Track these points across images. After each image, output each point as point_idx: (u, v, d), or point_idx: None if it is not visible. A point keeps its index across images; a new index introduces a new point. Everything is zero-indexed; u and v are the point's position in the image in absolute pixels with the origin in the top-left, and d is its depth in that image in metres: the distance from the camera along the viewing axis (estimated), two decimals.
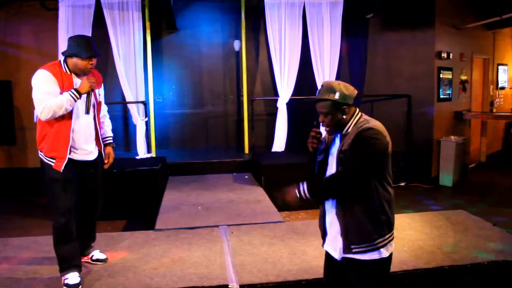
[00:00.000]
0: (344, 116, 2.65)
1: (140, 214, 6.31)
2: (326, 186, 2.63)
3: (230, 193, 6.46)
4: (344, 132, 2.67)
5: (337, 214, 2.68)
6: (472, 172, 9.32)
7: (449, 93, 8.65)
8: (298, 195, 2.68)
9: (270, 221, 5.26)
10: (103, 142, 4.16)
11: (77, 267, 3.80)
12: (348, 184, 2.57)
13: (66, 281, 3.69)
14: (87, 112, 3.81)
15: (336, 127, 2.69)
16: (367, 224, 2.60)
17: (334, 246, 2.75)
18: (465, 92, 9.24)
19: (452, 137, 8.42)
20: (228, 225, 5.12)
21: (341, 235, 2.67)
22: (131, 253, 4.39)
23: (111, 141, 4.24)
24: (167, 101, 8.78)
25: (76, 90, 3.70)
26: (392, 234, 2.69)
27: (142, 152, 7.76)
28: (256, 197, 6.24)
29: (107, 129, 4.23)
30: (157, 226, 5.10)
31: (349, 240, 2.65)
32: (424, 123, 8.36)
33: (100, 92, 4.08)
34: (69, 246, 3.77)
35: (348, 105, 2.65)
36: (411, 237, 4.69)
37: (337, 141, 2.74)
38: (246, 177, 7.43)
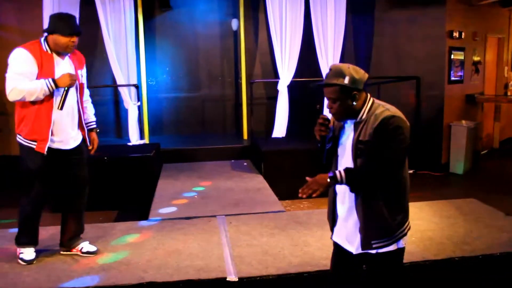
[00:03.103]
0: (354, 102, 2.59)
1: (133, 203, 6.32)
2: (365, 175, 2.54)
3: (228, 181, 6.47)
4: (358, 119, 2.62)
5: (357, 207, 2.64)
6: (484, 159, 9.32)
7: (461, 75, 8.62)
8: (329, 180, 2.52)
9: (270, 210, 5.27)
10: (86, 127, 4.18)
11: (35, 244, 4.03)
12: (386, 176, 2.53)
13: (21, 256, 3.96)
14: (61, 108, 3.80)
15: (346, 114, 2.64)
16: (388, 216, 2.58)
17: (350, 239, 2.73)
18: (478, 74, 9.21)
19: (464, 121, 8.41)
20: (226, 215, 5.13)
21: (360, 230, 2.65)
22: (123, 244, 4.40)
23: (95, 125, 4.27)
24: (160, 84, 8.76)
25: (54, 81, 3.70)
26: (409, 223, 2.70)
27: (134, 138, 7.75)
28: (256, 185, 6.25)
29: (90, 114, 4.25)
30: (151, 216, 5.11)
31: (369, 235, 2.63)
32: (434, 106, 8.34)
33: (83, 73, 4.08)
34: (32, 225, 3.98)
35: (358, 91, 2.59)
36: (420, 227, 4.71)
37: (348, 129, 2.68)
38: (245, 164, 7.44)
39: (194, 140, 8.34)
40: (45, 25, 6.95)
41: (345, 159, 2.67)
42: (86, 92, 4.21)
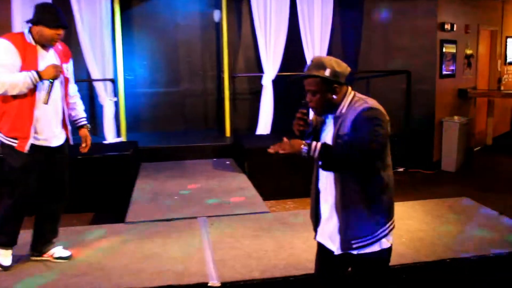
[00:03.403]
0: (334, 96, 2.63)
1: (109, 205, 6.27)
2: (339, 155, 2.57)
3: (210, 180, 6.45)
4: (337, 114, 2.65)
5: (336, 205, 2.67)
6: (477, 156, 9.41)
7: (453, 69, 8.69)
8: (303, 147, 2.57)
9: (254, 211, 5.26)
10: (77, 124, 4.15)
11: (13, 244, 3.97)
12: (359, 162, 2.55)
13: None
14: (46, 102, 3.74)
15: (325, 108, 2.67)
16: (368, 213, 2.61)
17: (333, 239, 2.74)
18: (470, 68, 9.30)
19: (456, 117, 8.49)
20: (207, 216, 5.12)
21: (339, 229, 2.68)
22: (98, 249, 4.36)
23: (86, 122, 4.23)
24: (138, 78, 8.70)
25: (38, 73, 3.65)
26: (393, 221, 2.71)
27: (110, 136, 7.70)
28: (239, 185, 6.24)
29: (79, 110, 4.20)
30: (128, 219, 5.08)
31: (349, 235, 2.65)
32: (425, 102, 8.40)
33: (69, 67, 4.03)
34: (12, 226, 3.90)
35: (339, 84, 2.63)
36: (410, 227, 4.73)
37: (329, 124, 2.71)
38: (227, 163, 7.42)
39: (174, 137, 8.30)
40: (16, 15, 6.91)
41: None
42: (74, 87, 4.16)
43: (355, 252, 2.67)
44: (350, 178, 2.61)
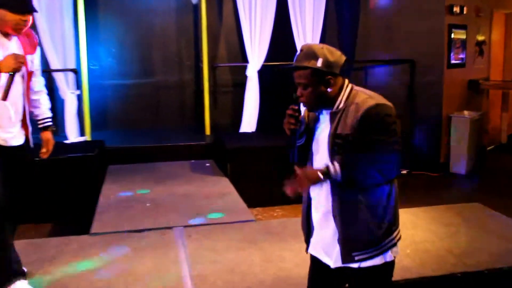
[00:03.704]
0: (328, 89, 2.60)
1: (72, 214, 6.24)
2: (359, 164, 2.54)
3: (187, 185, 6.44)
4: (334, 109, 2.62)
5: (334, 211, 2.64)
6: (490, 155, 9.46)
7: (462, 58, 8.74)
8: (321, 175, 2.53)
9: (238, 220, 5.26)
10: (39, 124, 4.08)
11: (22, 274, 3.86)
12: (387, 162, 2.55)
13: None
14: (4, 98, 3.67)
15: (319, 103, 2.65)
16: (372, 222, 2.59)
17: (328, 251, 2.72)
18: (482, 56, 9.36)
19: (466, 112, 8.53)
20: (184, 226, 5.10)
21: (339, 240, 2.65)
22: (60, 265, 4.32)
23: (51, 123, 4.14)
24: (105, 68, 8.67)
25: None
26: (399, 231, 2.70)
27: (73, 134, 7.66)
28: (221, 189, 6.24)
29: (44, 108, 4.11)
30: (94, 230, 5.04)
31: (350, 246, 2.62)
32: (431, 95, 8.43)
33: (34, 59, 3.94)
34: (7, 251, 3.75)
35: (333, 75, 2.60)
36: (415, 237, 4.74)
37: (324, 121, 2.68)
38: (207, 165, 7.42)
39: (146, 136, 8.29)
40: None
41: (320, 156, 2.67)
42: (39, 81, 4.08)
43: (355, 265, 2.65)
44: None
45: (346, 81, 2.69)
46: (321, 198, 2.71)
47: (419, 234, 4.83)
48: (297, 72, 2.62)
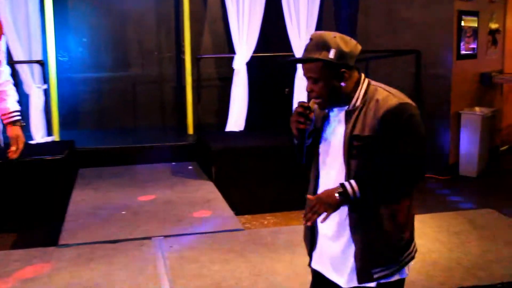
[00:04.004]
0: (342, 84, 2.54)
1: (38, 223, 6.22)
2: (385, 180, 2.51)
3: (168, 190, 6.44)
4: (350, 107, 2.58)
5: (352, 223, 2.58)
6: (504, 156, 9.51)
7: (474, 48, 8.77)
8: (340, 199, 2.48)
9: (224, 229, 5.26)
10: (7, 119, 4.03)
11: None
12: (411, 179, 2.54)
13: None
14: None
15: (332, 100, 2.59)
16: (395, 233, 2.56)
17: (338, 267, 2.67)
18: (496, 47, 9.39)
19: (477, 108, 8.56)
20: (165, 236, 5.09)
21: (356, 255, 2.59)
22: (24, 280, 4.28)
23: (19, 117, 4.09)
24: (75, 60, 8.65)
25: None
26: (415, 244, 2.69)
27: (39, 134, 7.63)
28: (205, 195, 6.24)
29: (11, 101, 4.06)
30: (62, 241, 5.02)
31: (370, 262, 2.57)
32: (438, 89, 8.45)
33: (1, 45, 3.94)
34: None
35: (348, 68, 2.54)
36: (422, 247, 4.73)
37: (335, 119, 2.64)
38: (190, 167, 7.43)
39: (122, 136, 8.29)
40: None
41: (332, 159, 2.63)
42: (5, 71, 4.04)
43: (373, 284, 2.60)
44: None
45: (363, 75, 2.64)
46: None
47: (426, 244, 4.83)
48: (306, 65, 2.57)
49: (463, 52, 8.56)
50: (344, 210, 2.58)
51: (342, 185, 2.49)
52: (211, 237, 5.07)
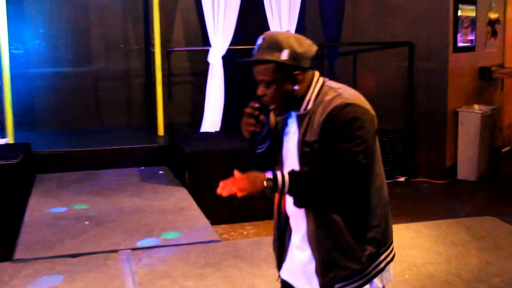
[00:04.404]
0: (295, 87, 2.57)
1: None
2: (313, 181, 2.50)
3: (136, 198, 6.43)
4: (301, 111, 2.60)
5: (309, 235, 2.62)
6: (506, 158, 9.57)
7: (472, 40, 8.83)
8: (267, 185, 2.45)
9: (199, 240, 5.26)
10: None
11: None
12: (345, 177, 2.49)
13: None
14: None
15: (285, 104, 2.60)
16: (355, 244, 2.58)
17: (308, 278, 2.72)
18: (496, 38, 9.46)
19: (476, 106, 8.61)
20: (133, 249, 5.08)
21: (317, 270, 2.63)
22: None
23: None
24: (31, 53, 8.60)
25: None
26: (392, 251, 2.70)
27: None
28: (177, 203, 6.24)
29: None
30: (18, 255, 4.99)
31: (330, 276, 2.60)
32: (434, 85, 8.50)
33: None
34: None
35: (302, 70, 2.55)
36: (416, 259, 4.77)
37: (293, 125, 2.65)
38: (160, 172, 7.43)
39: (85, 138, 8.25)
40: None
41: (290, 167, 2.65)
42: None
43: None
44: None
45: (317, 75, 2.64)
46: (297, 216, 2.69)
47: (421, 256, 4.85)
48: (257, 67, 2.57)
49: (460, 44, 8.61)
50: (305, 227, 2.62)
51: (274, 173, 2.48)
52: (184, 250, 5.06)
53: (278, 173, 2.47)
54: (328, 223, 2.56)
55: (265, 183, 2.45)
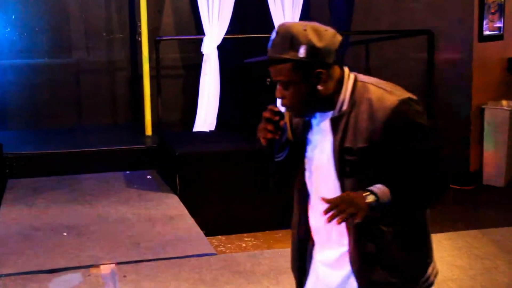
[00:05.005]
0: (319, 86, 2.50)
1: None
2: (418, 188, 2.49)
3: (121, 206, 6.43)
4: (336, 113, 2.52)
5: (352, 250, 2.53)
6: None
7: (500, 27, 8.82)
8: (368, 200, 2.35)
9: (192, 253, 5.27)
10: None
11: None
12: (441, 177, 2.59)
13: None
14: None
15: (308, 106, 2.53)
16: (408, 258, 2.55)
17: None
18: None
19: (504, 102, 8.60)
20: (117, 263, 5.07)
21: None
22: None
23: None
24: (2, 42, 8.62)
25: None
26: (435, 265, 2.69)
27: None
28: (168, 211, 6.25)
29: None
30: None
31: None
32: (456, 78, 8.51)
33: None
34: None
35: (325, 66, 2.48)
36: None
37: (321, 129, 2.58)
38: (148, 177, 7.45)
39: (62, 138, 8.27)
40: None
41: (321, 179, 2.58)
42: None
43: None
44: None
45: (346, 70, 2.58)
46: (331, 231, 2.61)
47: (442, 270, 4.84)
48: (273, 66, 2.50)
49: (486, 32, 8.61)
50: (344, 235, 2.56)
51: (367, 189, 2.39)
52: (175, 264, 5.07)
53: (376, 189, 2.40)
54: (380, 232, 2.52)
55: (367, 200, 2.36)
